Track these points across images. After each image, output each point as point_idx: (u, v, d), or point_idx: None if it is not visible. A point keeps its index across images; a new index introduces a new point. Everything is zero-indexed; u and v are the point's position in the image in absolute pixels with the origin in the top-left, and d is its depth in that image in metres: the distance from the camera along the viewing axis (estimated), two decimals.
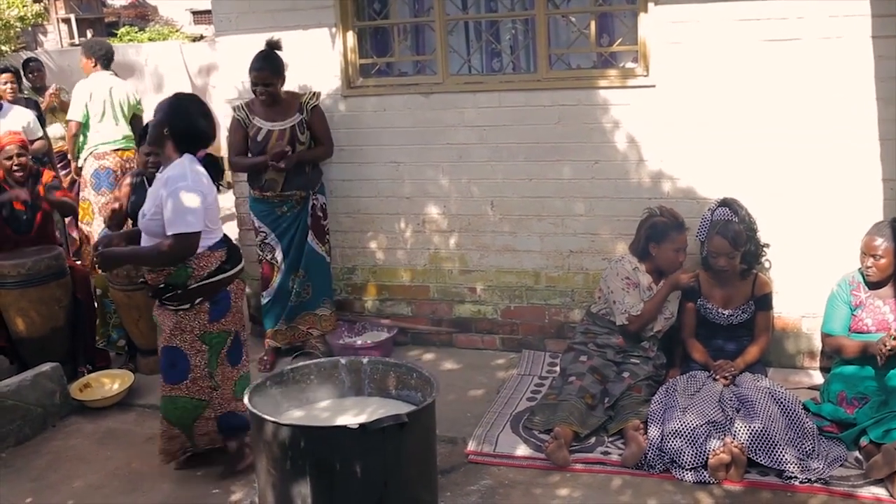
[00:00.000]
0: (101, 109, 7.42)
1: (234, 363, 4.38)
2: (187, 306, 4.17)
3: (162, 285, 4.18)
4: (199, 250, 4.12)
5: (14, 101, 7.94)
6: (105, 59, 7.55)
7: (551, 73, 5.45)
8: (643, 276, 5.03)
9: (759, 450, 4.11)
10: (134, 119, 7.63)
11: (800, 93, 4.90)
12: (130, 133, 7.60)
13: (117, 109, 7.50)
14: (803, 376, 5.17)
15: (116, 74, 7.90)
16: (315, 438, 3.17)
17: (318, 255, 5.75)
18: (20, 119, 7.51)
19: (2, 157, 5.77)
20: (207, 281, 4.16)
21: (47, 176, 6.08)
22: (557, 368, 5.18)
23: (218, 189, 4.31)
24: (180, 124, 4.14)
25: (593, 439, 4.54)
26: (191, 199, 4.00)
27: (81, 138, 7.52)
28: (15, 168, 5.76)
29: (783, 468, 4.06)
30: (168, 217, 4.02)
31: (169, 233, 4.02)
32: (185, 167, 4.09)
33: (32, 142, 7.40)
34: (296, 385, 3.70)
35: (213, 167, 4.26)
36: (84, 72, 7.69)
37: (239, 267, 4.31)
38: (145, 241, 4.22)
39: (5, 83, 8.06)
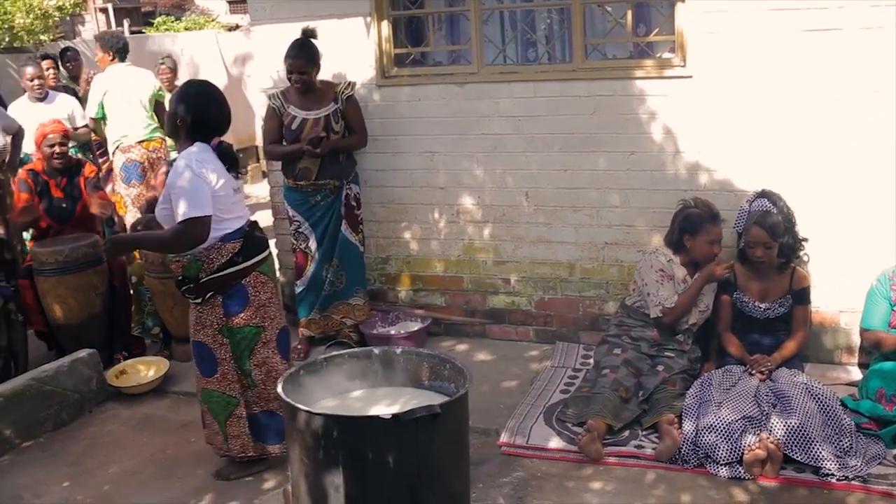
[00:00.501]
0: (121, 103, 7.46)
1: (286, 358, 4.33)
2: (199, 300, 4.13)
3: (179, 277, 4.16)
4: (210, 242, 4.02)
5: (54, 89, 8.03)
6: (122, 52, 7.60)
7: (587, 63, 5.41)
8: (678, 268, 4.98)
9: (796, 446, 4.06)
10: (157, 106, 7.68)
11: (839, 84, 4.82)
12: (156, 122, 7.66)
13: (137, 101, 7.53)
14: (841, 372, 5.10)
15: (173, 66, 7.95)
16: (348, 428, 3.17)
17: (352, 244, 5.76)
18: (65, 107, 7.61)
19: (44, 145, 5.84)
20: (217, 274, 4.07)
21: (88, 170, 6.14)
22: (591, 361, 5.15)
23: (236, 177, 4.19)
24: (191, 112, 4.07)
25: (627, 433, 4.51)
26: (195, 185, 3.92)
27: (107, 132, 7.59)
28: (56, 156, 5.84)
29: (820, 465, 4.01)
30: (175, 204, 3.95)
31: (178, 220, 3.94)
32: (192, 155, 4.01)
33: (76, 129, 7.50)
34: (329, 374, 3.69)
35: (227, 155, 4.16)
36: (100, 65, 7.74)
37: (254, 260, 4.15)
38: None
39: (47, 69, 8.14)
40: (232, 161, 4.17)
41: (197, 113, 4.08)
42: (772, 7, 4.85)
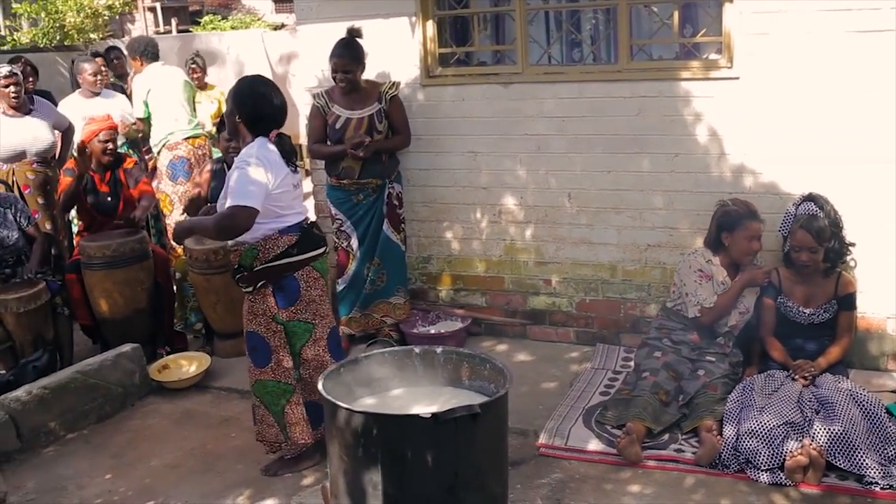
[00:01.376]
0: (164, 101, 7.54)
1: (338, 357, 4.32)
2: (251, 289, 4.17)
3: (236, 265, 4.21)
4: (269, 233, 4.08)
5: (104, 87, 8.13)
6: (149, 54, 7.68)
7: (632, 63, 5.37)
8: (717, 269, 4.93)
9: (839, 453, 4.01)
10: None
11: (890, 87, 4.74)
12: (197, 119, 7.76)
13: (177, 98, 7.61)
14: (887, 379, 5.01)
15: (203, 64, 7.98)
16: (387, 426, 3.17)
17: (393, 243, 5.77)
18: (119, 104, 7.67)
19: (95, 141, 5.91)
20: (270, 264, 4.11)
21: (129, 162, 6.22)
22: (632, 363, 5.12)
23: (294, 169, 4.20)
24: (246, 109, 4.12)
25: (667, 436, 4.48)
26: (254, 174, 3.96)
27: (152, 130, 7.68)
28: (107, 152, 5.92)
29: (863, 473, 3.95)
30: (230, 190, 4.00)
31: (227, 205, 4.00)
32: (252, 150, 4.06)
33: (126, 126, 7.60)
34: (369, 372, 3.70)
35: (285, 148, 4.17)
36: (137, 72, 7.86)
37: (309, 254, 4.19)
38: None
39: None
40: (290, 153, 4.19)
41: (251, 110, 4.12)
42: (823, 8, 4.77)
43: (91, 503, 4.31)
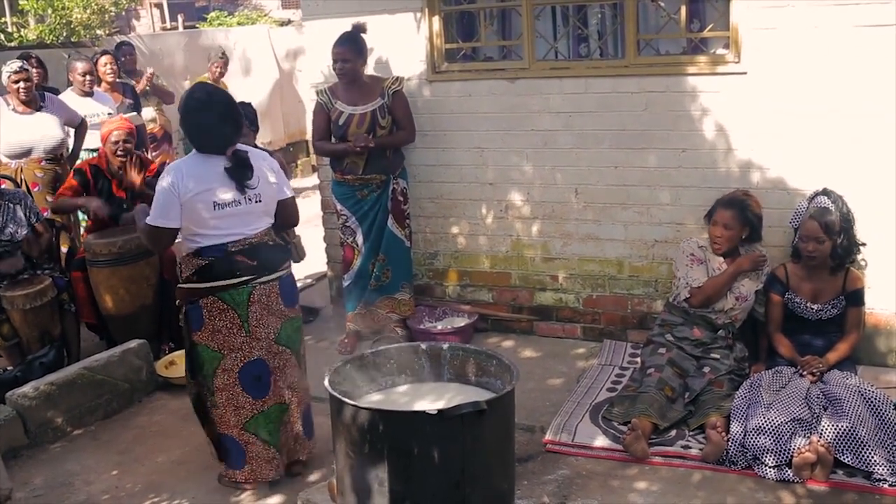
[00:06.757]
0: None
1: (254, 395, 4.17)
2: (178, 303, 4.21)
3: None
4: (186, 251, 4.08)
5: (112, 84, 8.11)
6: None
7: (639, 59, 5.35)
8: (712, 255, 4.96)
9: (846, 450, 4.00)
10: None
11: None
12: None
13: None
14: (895, 376, 5.00)
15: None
16: (393, 423, 3.18)
17: (398, 239, 5.77)
18: (109, 106, 7.59)
19: (109, 142, 5.83)
20: (180, 285, 4.13)
21: (150, 170, 6.10)
22: (639, 360, 5.11)
23: (243, 190, 4.02)
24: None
25: (673, 432, 4.47)
26: (165, 195, 3.94)
27: None
28: (119, 153, 5.83)
29: (871, 470, 3.94)
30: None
31: (146, 220, 4.07)
32: (178, 163, 4.06)
33: None
34: (375, 369, 3.70)
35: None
36: None
37: (207, 284, 4.02)
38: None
39: (105, 65, 8.22)
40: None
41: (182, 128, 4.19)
42: (830, 2, 4.75)
43: (98, 499, 4.32)
